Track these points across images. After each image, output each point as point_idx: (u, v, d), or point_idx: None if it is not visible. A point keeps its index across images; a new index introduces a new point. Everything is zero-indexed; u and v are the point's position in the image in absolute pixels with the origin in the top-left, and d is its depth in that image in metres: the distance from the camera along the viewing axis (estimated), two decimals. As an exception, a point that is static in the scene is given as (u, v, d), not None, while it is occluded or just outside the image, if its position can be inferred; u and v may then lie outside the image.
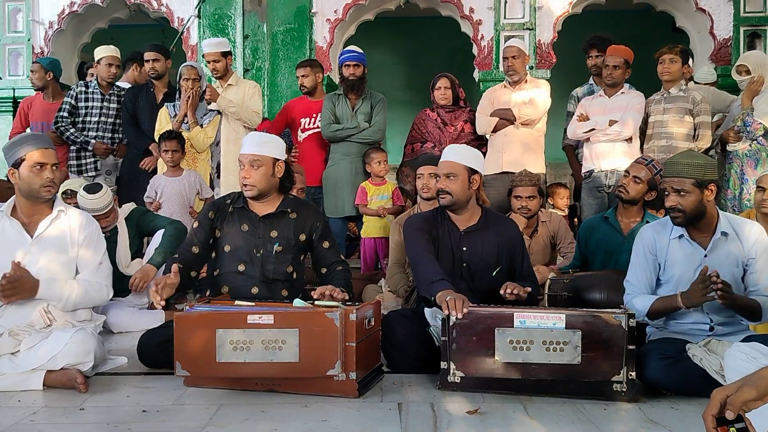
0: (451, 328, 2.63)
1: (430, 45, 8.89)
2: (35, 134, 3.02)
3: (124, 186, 5.20)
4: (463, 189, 3.13)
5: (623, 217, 3.88)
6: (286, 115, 5.43)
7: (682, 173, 2.76)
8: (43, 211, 3.01)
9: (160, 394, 2.68)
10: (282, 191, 3.23)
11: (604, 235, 3.89)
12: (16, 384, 2.72)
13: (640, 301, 2.86)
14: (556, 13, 6.45)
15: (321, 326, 2.53)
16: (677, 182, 2.76)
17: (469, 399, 2.58)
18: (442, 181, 3.15)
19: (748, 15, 6.30)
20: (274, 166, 3.12)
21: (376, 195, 4.94)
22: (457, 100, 5.13)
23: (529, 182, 4.23)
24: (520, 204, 4.22)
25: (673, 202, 2.77)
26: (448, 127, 5.06)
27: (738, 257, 2.81)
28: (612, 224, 3.88)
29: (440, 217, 3.22)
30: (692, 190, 2.75)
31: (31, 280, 2.87)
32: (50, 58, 6.03)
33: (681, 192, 2.76)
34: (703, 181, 2.75)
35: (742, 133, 4.60)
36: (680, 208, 2.76)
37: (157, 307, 2.93)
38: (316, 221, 3.25)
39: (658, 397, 2.62)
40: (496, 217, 3.31)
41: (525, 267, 3.25)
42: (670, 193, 2.79)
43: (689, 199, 2.75)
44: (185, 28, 6.75)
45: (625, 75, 4.69)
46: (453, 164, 3.14)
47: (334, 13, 6.63)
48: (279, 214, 3.18)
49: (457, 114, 5.09)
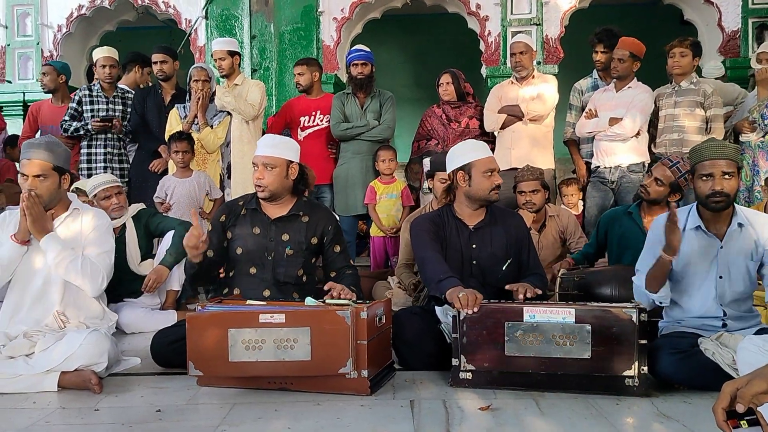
0: (462, 322, 2.63)
1: (437, 42, 8.87)
2: (32, 142, 3.05)
3: (134, 188, 5.23)
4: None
5: (646, 214, 3.83)
6: (286, 113, 5.43)
7: (731, 156, 2.73)
8: (58, 210, 3.07)
9: (173, 394, 2.70)
10: (296, 193, 3.23)
11: (625, 229, 3.86)
12: (31, 385, 2.74)
13: (637, 279, 2.86)
14: (563, 7, 6.43)
15: (332, 324, 2.54)
16: (726, 164, 2.72)
17: (481, 395, 2.58)
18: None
19: (757, 6, 6.26)
20: (288, 168, 3.12)
21: (385, 194, 4.95)
22: (463, 95, 5.11)
23: (531, 176, 4.23)
24: (525, 199, 4.24)
25: (721, 185, 2.71)
26: (453, 124, 5.06)
27: (752, 249, 2.78)
28: (635, 219, 3.85)
29: (447, 216, 3.21)
30: (735, 174, 2.75)
31: (46, 218, 2.95)
32: (62, 62, 6.07)
33: (728, 174, 2.72)
34: (740, 167, 2.77)
35: (758, 125, 4.55)
36: (726, 191, 2.72)
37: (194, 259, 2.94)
38: (328, 225, 3.23)
39: (670, 392, 2.61)
40: (502, 211, 3.31)
41: (532, 259, 3.25)
42: (716, 176, 2.72)
43: (733, 183, 2.73)
44: (193, 30, 6.77)
45: (632, 68, 4.67)
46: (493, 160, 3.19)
47: (341, 11, 6.64)
48: (291, 218, 3.17)
49: (462, 110, 5.09)
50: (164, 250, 4.03)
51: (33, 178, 2.93)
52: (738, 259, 2.75)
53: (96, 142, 5.29)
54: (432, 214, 3.30)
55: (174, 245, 3.99)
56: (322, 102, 5.32)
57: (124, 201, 4.13)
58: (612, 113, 4.65)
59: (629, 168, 4.62)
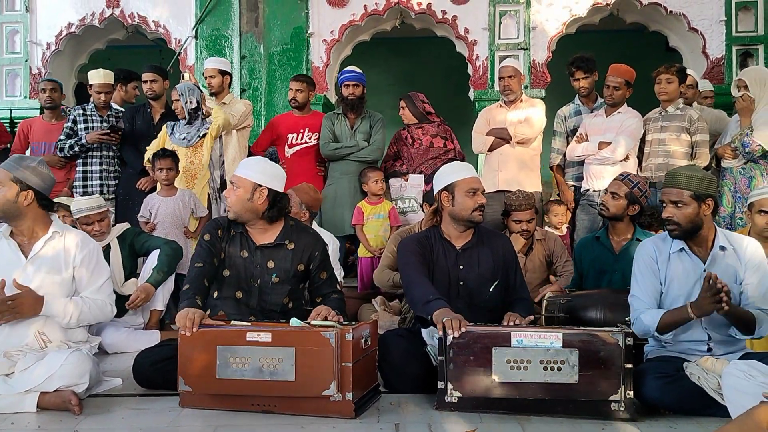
0: (448, 347, 2.62)
1: (426, 65, 8.95)
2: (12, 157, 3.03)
3: (120, 206, 5.20)
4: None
5: (614, 236, 3.91)
6: (272, 131, 5.43)
7: (681, 185, 2.76)
8: (39, 232, 3.00)
9: (155, 416, 2.65)
10: (272, 219, 3.11)
11: (597, 255, 3.93)
12: (10, 406, 2.69)
13: (648, 316, 2.78)
14: (550, 33, 6.51)
15: (317, 345, 2.53)
16: (675, 193, 2.77)
17: (467, 419, 2.57)
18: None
19: (740, 35, 6.37)
20: (253, 191, 3.03)
21: (372, 214, 4.95)
22: (423, 116, 5.22)
23: (527, 205, 4.22)
24: (521, 228, 4.23)
25: (670, 213, 2.77)
26: (416, 143, 5.18)
27: (736, 272, 2.81)
28: (603, 243, 3.91)
29: (435, 237, 3.20)
30: (689, 203, 2.75)
31: (32, 298, 2.85)
32: (57, 80, 6.04)
33: (678, 204, 2.76)
34: (701, 194, 2.76)
35: (739, 152, 4.57)
36: (676, 220, 2.76)
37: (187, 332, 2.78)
38: (315, 251, 3.17)
39: (656, 416, 2.60)
40: (489, 232, 3.31)
41: (519, 282, 3.25)
42: (668, 204, 2.79)
43: (686, 212, 2.75)
44: (182, 49, 6.79)
45: (626, 95, 4.75)
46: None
47: (331, 33, 6.67)
48: (277, 246, 3.12)
49: (425, 129, 5.21)
50: (150, 269, 4.00)
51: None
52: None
53: (92, 159, 5.26)
54: (419, 235, 3.29)
55: (160, 263, 3.96)
56: (310, 119, 5.33)
57: (106, 226, 4.08)
58: (602, 137, 4.71)
59: None
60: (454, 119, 5.98)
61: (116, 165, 5.35)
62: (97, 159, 5.27)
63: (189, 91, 4.82)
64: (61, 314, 2.91)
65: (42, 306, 2.86)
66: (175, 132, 4.95)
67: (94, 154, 5.26)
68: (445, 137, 5.21)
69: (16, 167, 2.92)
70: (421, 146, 5.15)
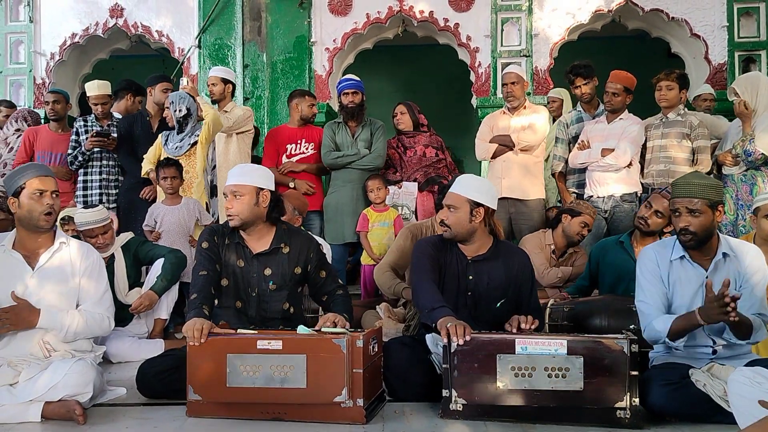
0: (453, 355, 2.61)
1: (428, 73, 8.96)
2: (35, 163, 3.03)
3: (123, 215, 5.20)
4: (462, 221, 3.09)
5: (639, 244, 3.84)
6: (273, 141, 5.44)
7: (696, 193, 2.73)
8: (44, 242, 3.00)
9: (159, 426, 2.65)
10: (273, 223, 3.17)
11: (617, 259, 3.87)
12: (14, 416, 2.69)
13: (660, 323, 2.76)
14: (553, 40, 6.51)
15: (328, 352, 2.54)
16: (691, 203, 2.74)
17: (472, 427, 2.56)
18: (443, 213, 3.14)
19: (743, 40, 6.36)
20: (258, 195, 3.08)
21: (377, 222, 4.95)
22: (417, 125, 5.26)
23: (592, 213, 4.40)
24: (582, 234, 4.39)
25: (687, 222, 2.74)
26: (409, 151, 5.21)
27: (738, 279, 2.80)
28: (626, 249, 3.86)
29: (449, 243, 3.18)
30: (705, 211, 2.73)
31: (27, 310, 2.85)
32: (64, 90, 6.06)
33: (695, 212, 2.73)
34: (715, 202, 2.75)
35: (741, 159, 4.55)
36: (692, 229, 2.74)
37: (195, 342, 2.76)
38: (309, 252, 3.20)
39: (661, 424, 2.60)
40: (508, 247, 3.28)
41: (533, 299, 3.22)
42: (683, 213, 2.75)
43: (702, 220, 2.73)
44: (185, 58, 6.81)
45: (625, 101, 4.75)
46: (455, 196, 3.11)
47: (333, 42, 6.69)
48: (272, 251, 3.14)
49: (417, 138, 5.23)
50: (154, 277, 4.00)
51: None
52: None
53: (92, 169, 5.27)
54: (435, 238, 3.26)
55: (164, 271, 3.97)
56: (307, 130, 5.37)
57: (110, 238, 4.08)
58: (604, 144, 4.71)
59: (622, 198, 4.68)
60: (457, 127, 6.00)
61: (116, 174, 5.36)
62: (97, 168, 5.28)
63: (180, 99, 4.84)
64: (58, 327, 2.90)
65: (38, 318, 2.86)
66: (169, 142, 4.94)
67: (94, 163, 5.27)
68: (437, 147, 5.25)
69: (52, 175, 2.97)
70: (415, 155, 5.18)
